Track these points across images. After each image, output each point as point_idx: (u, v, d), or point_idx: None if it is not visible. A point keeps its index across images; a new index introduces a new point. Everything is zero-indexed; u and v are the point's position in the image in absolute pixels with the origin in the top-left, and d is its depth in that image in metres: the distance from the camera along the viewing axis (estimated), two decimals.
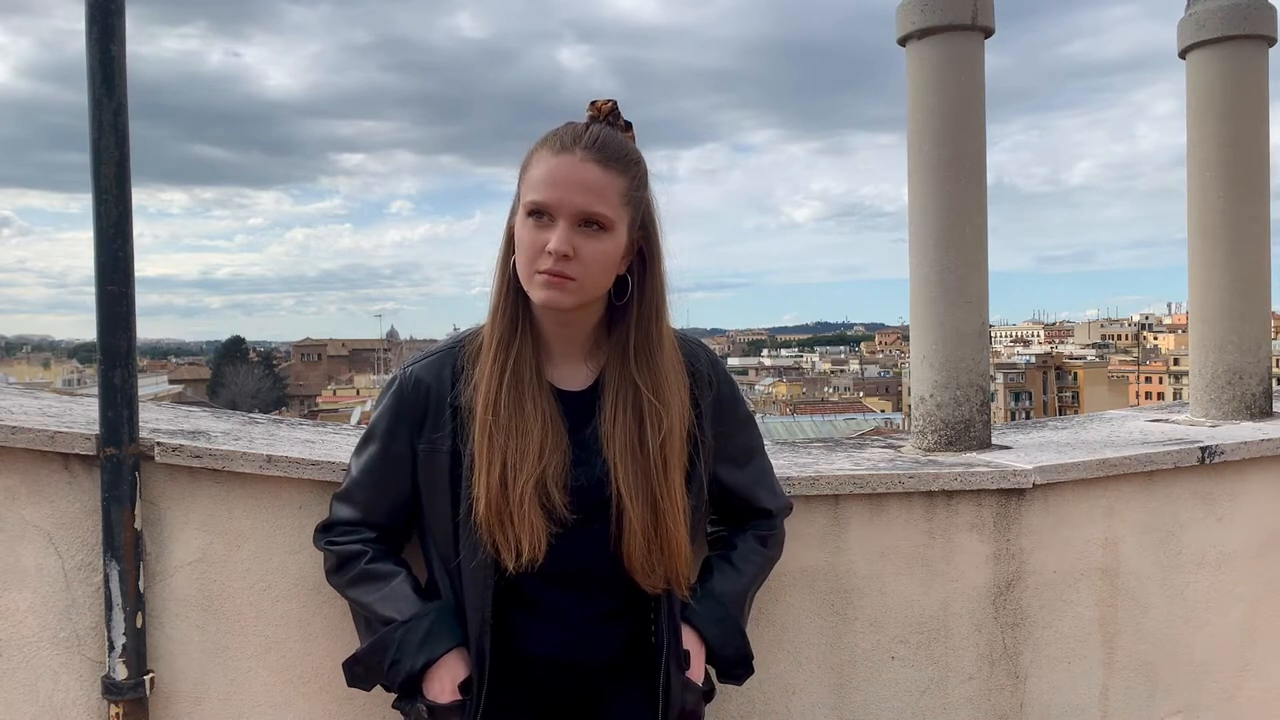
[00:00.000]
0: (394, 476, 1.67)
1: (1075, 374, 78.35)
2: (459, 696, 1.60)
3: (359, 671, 1.70)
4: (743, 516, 1.84)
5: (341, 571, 1.71)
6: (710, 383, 1.70)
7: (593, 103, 1.59)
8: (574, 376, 1.65)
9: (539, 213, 1.51)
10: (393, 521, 1.73)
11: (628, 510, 1.56)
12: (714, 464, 1.73)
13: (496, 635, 1.61)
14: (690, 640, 1.70)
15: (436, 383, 1.63)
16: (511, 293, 1.59)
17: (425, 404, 1.63)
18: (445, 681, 1.60)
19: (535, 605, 1.65)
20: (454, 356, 1.65)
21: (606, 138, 1.54)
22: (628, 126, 1.60)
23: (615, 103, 1.59)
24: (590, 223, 1.51)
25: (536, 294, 1.53)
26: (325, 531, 1.76)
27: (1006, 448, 2.75)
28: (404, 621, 1.62)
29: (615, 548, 1.59)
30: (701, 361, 1.71)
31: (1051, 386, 76.43)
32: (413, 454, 1.65)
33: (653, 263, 1.61)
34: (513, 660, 1.65)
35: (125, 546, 1.97)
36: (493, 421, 1.54)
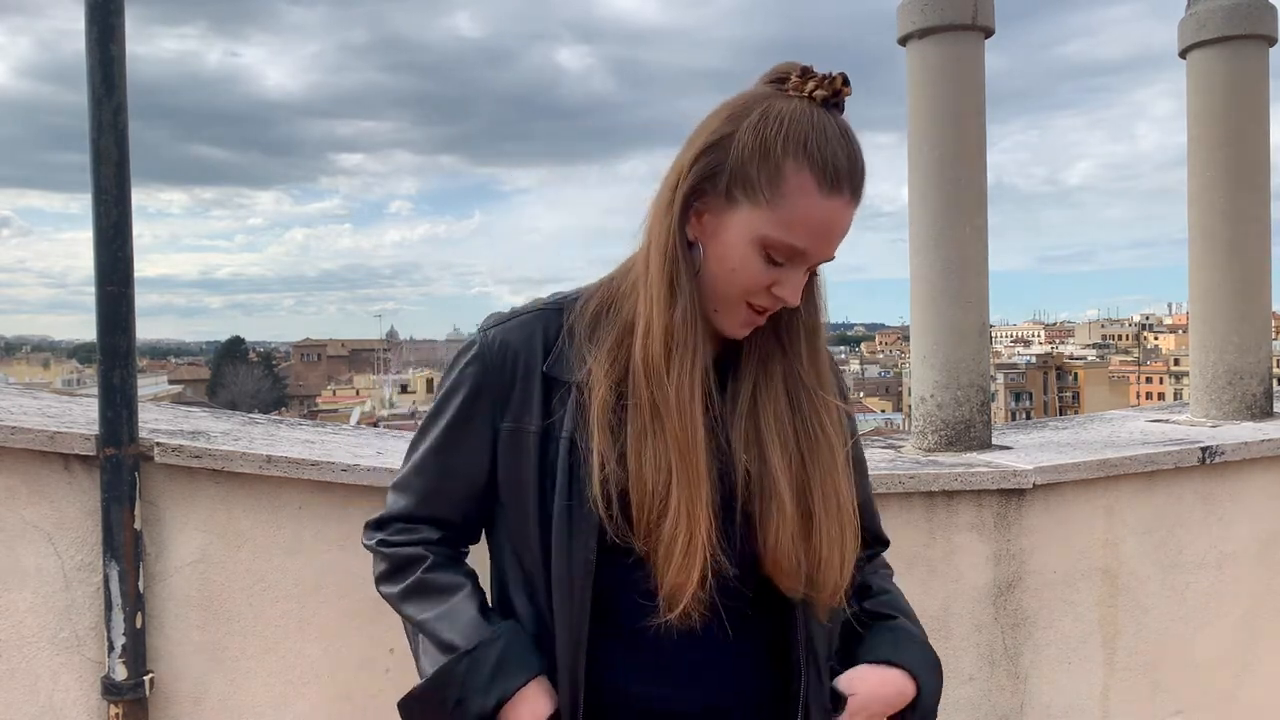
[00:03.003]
0: (467, 461, 1.36)
1: (1076, 374, 78.35)
2: None
3: (417, 711, 1.38)
4: (861, 546, 1.47)
5: (394, 579, 1.39)
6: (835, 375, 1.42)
7: (828, 79, 1.22)
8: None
9: (783, 252, 1.23)
10: (461, 517, 1.40)
11: (779, 496, 1.26)
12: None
13: (591, 665, 1.29)
14: (889, 679, 1.36)
15: (526, 350, 1.33)
16: (696, 298, 1.28)
17: (513, 374, 1.32)
18: (536, 713, 1.29)
19: (625, 632, 1.29)
20: (545, 319, 1.34)
21: (863, 166, 1.25)
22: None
23: (847, 78, 1.23)
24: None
25: (728, 325, 1.29)
26: (378, 528, 1.42)
27: (1007, 448, 2.75)
28: (468, 651, 1.31)
29: (750, 543, 1.27)
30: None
31: (1052, 387, 76.44)
32: (493, 435, 1.33)
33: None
34: (610, 699, 1.31)
35: (125, 547, 1.97)
36: (680, 430, 1.24)
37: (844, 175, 1.21)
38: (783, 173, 1.20)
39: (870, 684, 1.34)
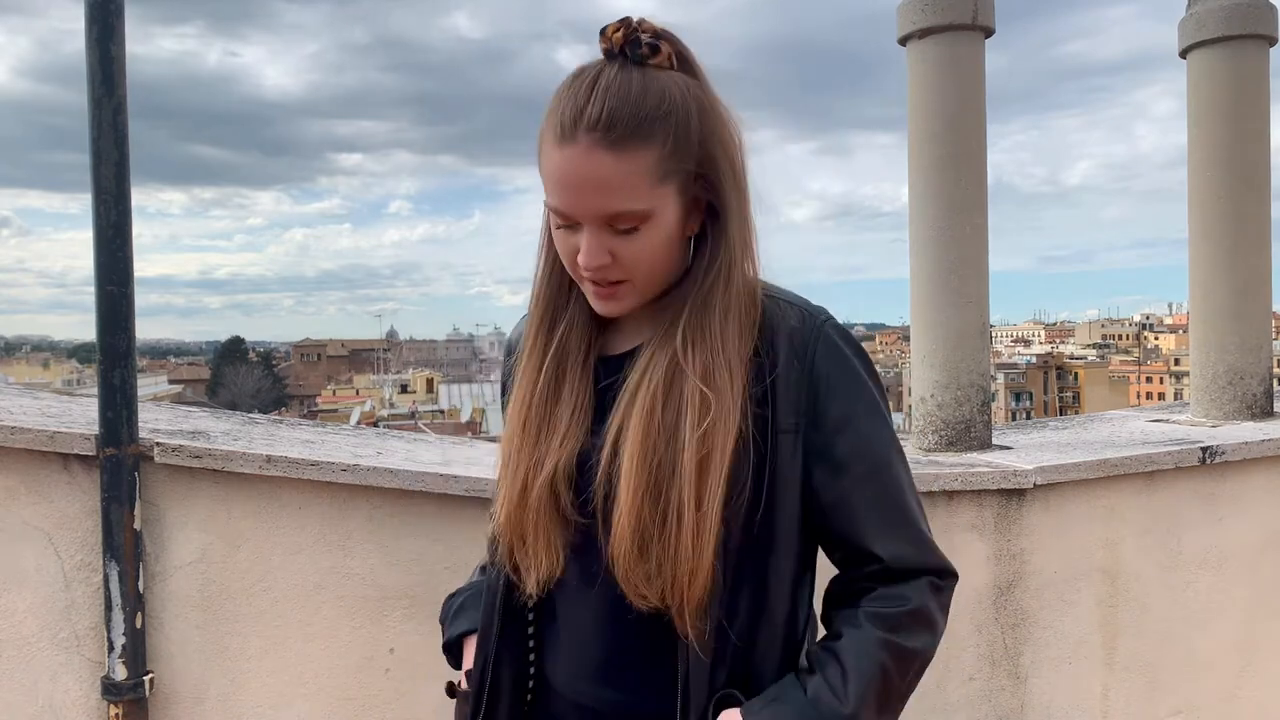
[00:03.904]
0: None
1: (1076, 374, 78.34)
2: (466, 686, 1.37)
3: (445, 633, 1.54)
4: (848, 563, 1.27)
5: None
6: (801, 354, 1.22)
7: (602, 31, 1.18)
8: (629, 338, 1.30)
9: (554, 213, 1.20)
10: None
11: (621, 493, 1.17)
12: (811, 467, 1.22)
13: (509, 644, 1.33)
14: None
15: (518, 343, 1.39)
16: (558, 268, 1.28)
17: (509, 364, 1.41)
18: (466, 663, 1.40)
19: (555, 615, 1.31)
20: None
21: (614, 106, 1.14)
22: (653, 50, 1.17)
23: (629, 21, 1.17)
24: (619, 221, 1.17)
25: (592, 303, 1.26)
26: None
27: (1007, 448, 2.75)
28: (452, 595, 1.49)
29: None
30: (785, 324, 1.24)
31: (1052, 386, 76.42)
32: None
33: (723, 213, 1.22)
34: (538, 683, 1.34)
35: (125, 546, 1.97)
36: (526, 419, 1.27)
37: (574, 119, 1.15)
38: (539, 143, 1.20)
39: None
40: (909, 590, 1.23)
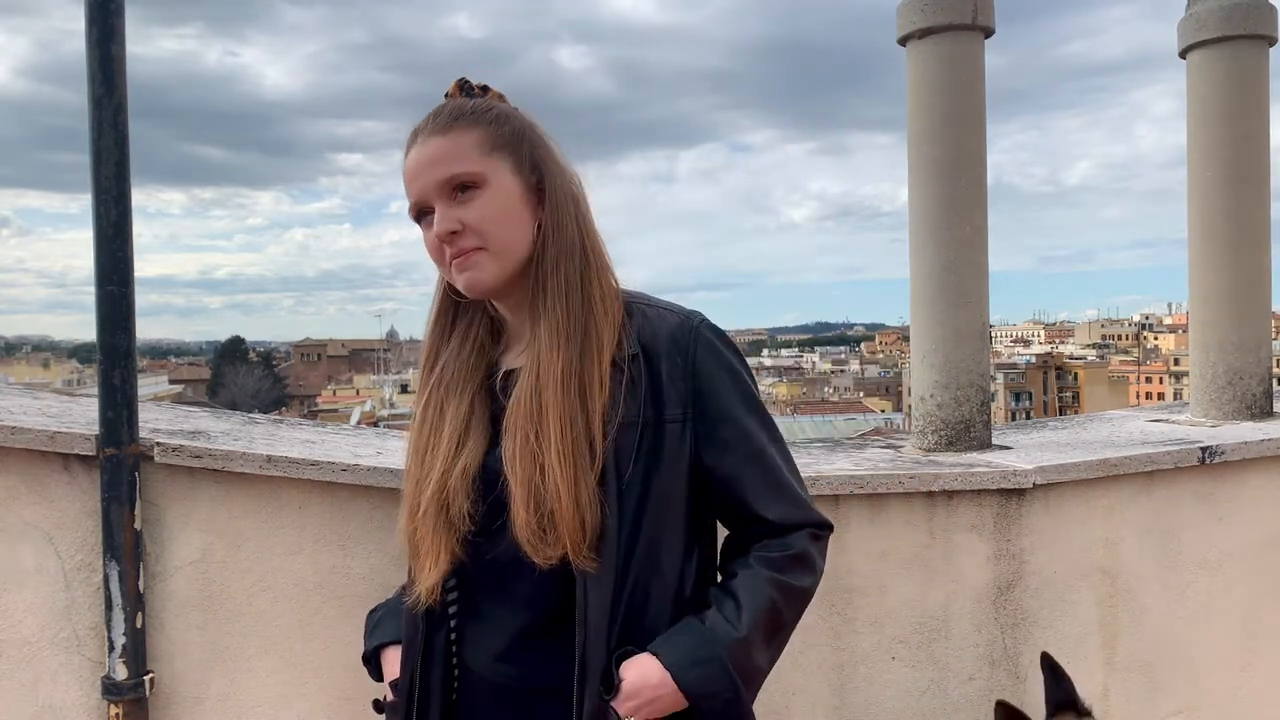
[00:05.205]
0: None
1: (1075, 374, 78.31)
2: (391, 696, 1.49)
3: None
4: (741, 527, 1.44)
5: None
6: (683, 352, 1.39)
7: (446, 94, 1.47)
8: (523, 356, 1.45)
9: (420, 213, 1.41)
10: None
11: (513, 475, 1.33)
12: (700, 451, 1.39)
13: (434, 648, 1.45)
14: (647, 670, 1.29)
15: None
16: (440, 317, 1.51)
17: None
18: (388, 674, 1.52)
19: (476, 609, 1.45)
20: None
21: (441, 110, 1.42)
22: (484, 90, 1.45)
23: (464, 80, 1.45)
24: (457, 189, 1.36)
25: (459, 283, 1.40)
26: None
27: (1007, 448, 2.75)
28: (374, 608, 1.66)
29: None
30: (665, 327, 1.40)
31: (1052, 387, 76.40)
32: None
33: (551, 203, 1.39)
34: (463, 672, 1.47)
35: (125, 547, 1.97)
36: (415, 444, 1.45)
37: (418, 127, 1.41)
38: None
39: (634, 671, 1.30)
40: (791, 539, 1.40)
